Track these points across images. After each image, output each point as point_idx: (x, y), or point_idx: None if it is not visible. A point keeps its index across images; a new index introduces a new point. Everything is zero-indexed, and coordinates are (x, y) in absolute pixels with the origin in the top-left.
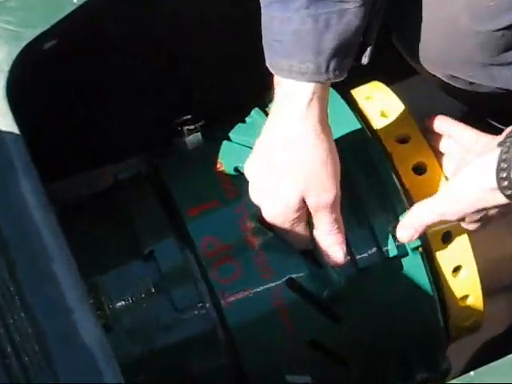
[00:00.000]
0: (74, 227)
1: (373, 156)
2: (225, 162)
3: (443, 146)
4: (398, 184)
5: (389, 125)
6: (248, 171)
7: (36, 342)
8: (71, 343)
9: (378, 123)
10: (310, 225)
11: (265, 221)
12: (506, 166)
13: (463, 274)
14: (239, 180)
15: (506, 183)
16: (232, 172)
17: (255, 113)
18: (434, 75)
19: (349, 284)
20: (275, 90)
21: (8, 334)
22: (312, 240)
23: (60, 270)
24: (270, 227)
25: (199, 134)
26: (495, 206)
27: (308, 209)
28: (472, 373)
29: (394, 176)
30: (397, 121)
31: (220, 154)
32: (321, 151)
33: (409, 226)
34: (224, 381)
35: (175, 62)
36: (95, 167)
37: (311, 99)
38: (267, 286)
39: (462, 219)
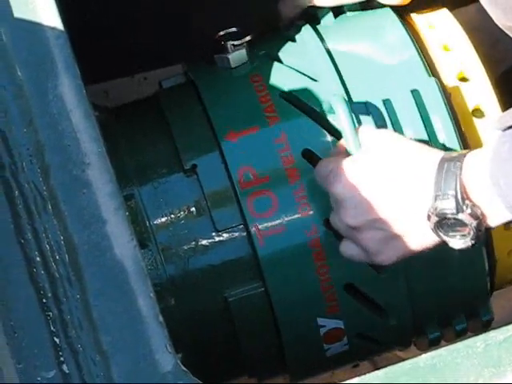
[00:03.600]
0: (113, 134)
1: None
2: (270, 85)
3: None
4: (453, 127)
5: (451, 60)
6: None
7: (66, 253)
8: (103, 256)
9: (439, 57)
10: None
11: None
12: None
13: None
14: (283, 106)
15: None
16: (277, 98)
17: (306, 30)
18: None
19: None
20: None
21: (37, 242)
22: None
23: (96, 178)
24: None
25: (244, 50)
26: None
27: None
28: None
29: (451, 118)
30: (459, 56)
31: (265, 76)
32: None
33: None
34: (258, 307)
35: None
36: (137, 73)
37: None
38: (304, 224)
39: None
